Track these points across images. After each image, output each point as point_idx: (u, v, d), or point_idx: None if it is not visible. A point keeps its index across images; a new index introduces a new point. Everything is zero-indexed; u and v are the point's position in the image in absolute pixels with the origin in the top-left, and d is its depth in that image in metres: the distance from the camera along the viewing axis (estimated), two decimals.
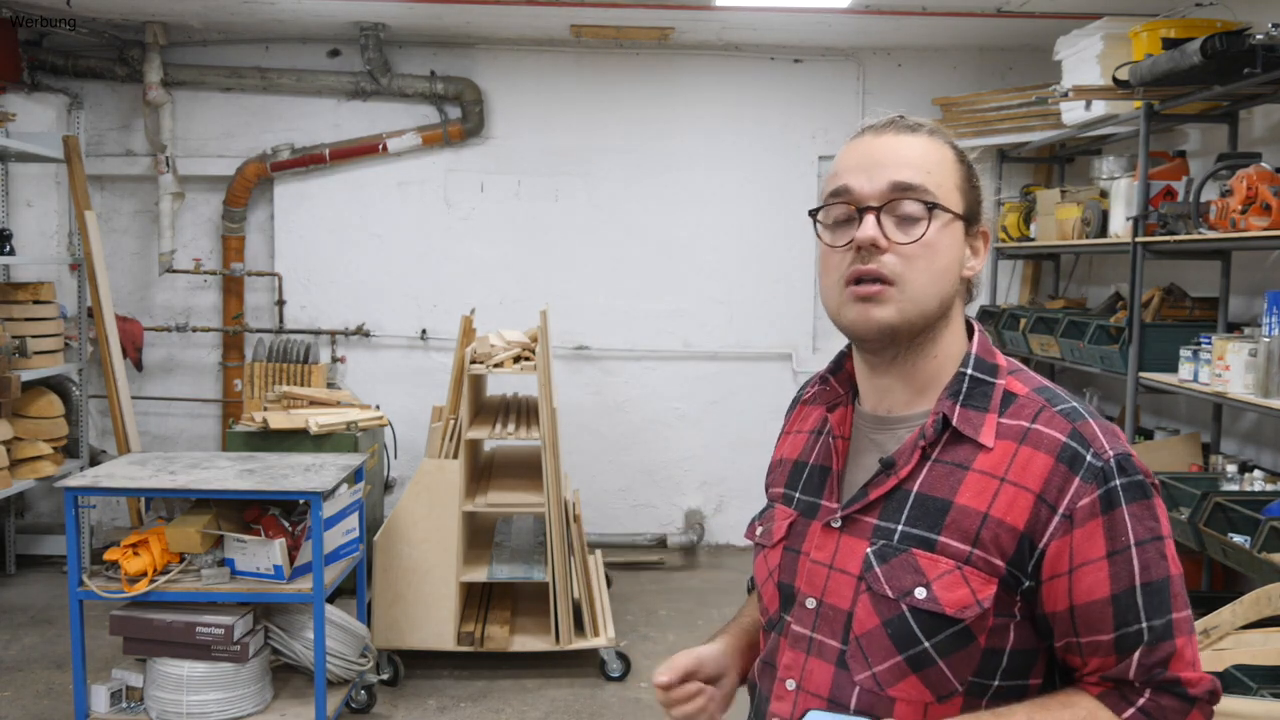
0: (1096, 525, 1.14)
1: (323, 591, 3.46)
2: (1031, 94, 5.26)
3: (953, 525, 1.17)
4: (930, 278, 1.21)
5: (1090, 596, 1.14)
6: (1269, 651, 2.42)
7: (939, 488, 1.19)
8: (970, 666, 1.17)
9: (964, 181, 1.26)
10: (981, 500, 1.16)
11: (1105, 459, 1.15)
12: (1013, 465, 1.17)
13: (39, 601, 5.03)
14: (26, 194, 5.74)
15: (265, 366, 5.63)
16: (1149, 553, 1.15)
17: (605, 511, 6.07)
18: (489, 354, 4.23)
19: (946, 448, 1.21)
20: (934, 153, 1.25)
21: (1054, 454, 1.16)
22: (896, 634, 1.18)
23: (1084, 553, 1.14)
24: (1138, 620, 1.14)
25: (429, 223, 6.01)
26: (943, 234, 1.22)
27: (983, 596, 1.15)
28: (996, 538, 1.15)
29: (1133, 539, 1.14)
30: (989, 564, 1.15)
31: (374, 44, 5.61)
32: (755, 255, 6.05)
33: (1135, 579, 1.14)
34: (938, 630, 1.16)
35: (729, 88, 6.00)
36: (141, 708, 3.57)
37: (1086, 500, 1.14)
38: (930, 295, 1.21)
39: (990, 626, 1.16)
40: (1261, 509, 3.32)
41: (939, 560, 1.17)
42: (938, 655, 1.17)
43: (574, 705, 4.01)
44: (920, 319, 1.22)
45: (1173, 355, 3.94)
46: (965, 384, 1.23)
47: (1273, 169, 3.47)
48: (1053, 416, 1.19)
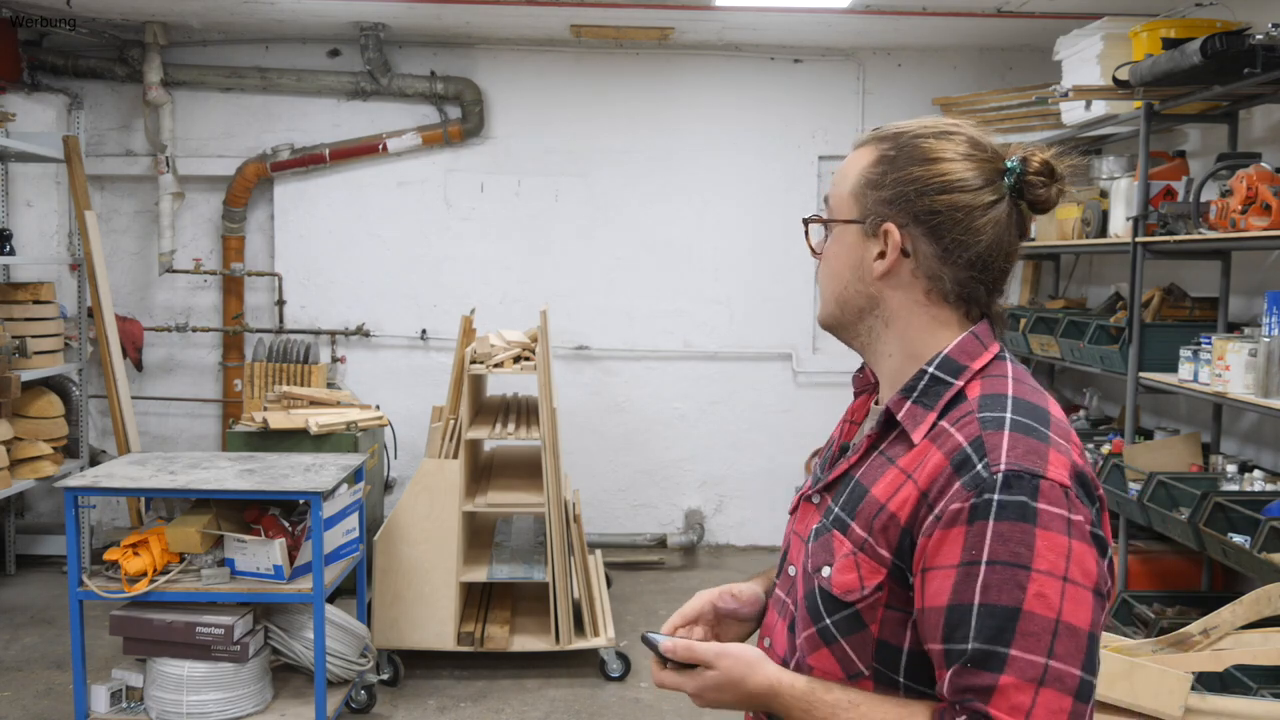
0: (959, 533, 1.10)
1: (323, 591, 3.46)
2: (1031, 94, 5.25)
3: (862, 513, 1.21)
4: (827, 283, 1.32)
5: (932, 602, 1.12)
6: (1269, 651, 2.42)
7: (867, 476, 1.24)
8: (868, 652, 1.19)
9: (864, 185, 1.25)
10: (886, 493, 1.19)
11: (994, 471, 1.10)
12: (921, 464, 1.17)
13: (39, 601, 5.03)
14: (26, 194, 5.74)
15: (265, 366, 5.63)
16: (1000, 574, 1.07)
17: (605, 511, 6.07)
18: (489, 354, 4.23)
19: (893, 442, 1.24)
20: (850, 163, 1.30)
21: (949, 456, 1.14)
22: (810, 607, 1.24)
23: (937, 556, 1.11)
24: (964, 639, 1.08)
25: (429, 223, 6.01)
26: (833, 242, 1.30)
27: (869, 584, 1.17)
28: (885, 529, 1.17)
29: (986, 556, 1.08)
30: (876, 554, 1.18)
31: (374, 44, 5.61)
32: (755, 255, 6.05)
33: (975, 597, 1.08)
34: (833, 610, 1.21)
35: (729, 88, 6.00)
36: (141, 708, 3.57)
37: (956, 505, 1.11)
38: (829, 299, 1.32)
39: (881, 618, 1.18)
40: (1261, 509, 3.31)
41: (845, 543, 1.21)
42: (838, 633, 1.21)
43: (574, 705, 4.01)
44: (829, 318, 1.32)
45: (1173, 355, 3.94)
46: (923, 382, 1.23)
47: (1273, 169, 3.47)
48: (970, 422, 1.16)
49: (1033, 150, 1.24)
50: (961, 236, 1.21)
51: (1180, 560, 4.22)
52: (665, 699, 4.06)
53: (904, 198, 1.22)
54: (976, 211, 1.21)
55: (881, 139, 1.27)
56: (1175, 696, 2.26)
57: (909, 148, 1.24)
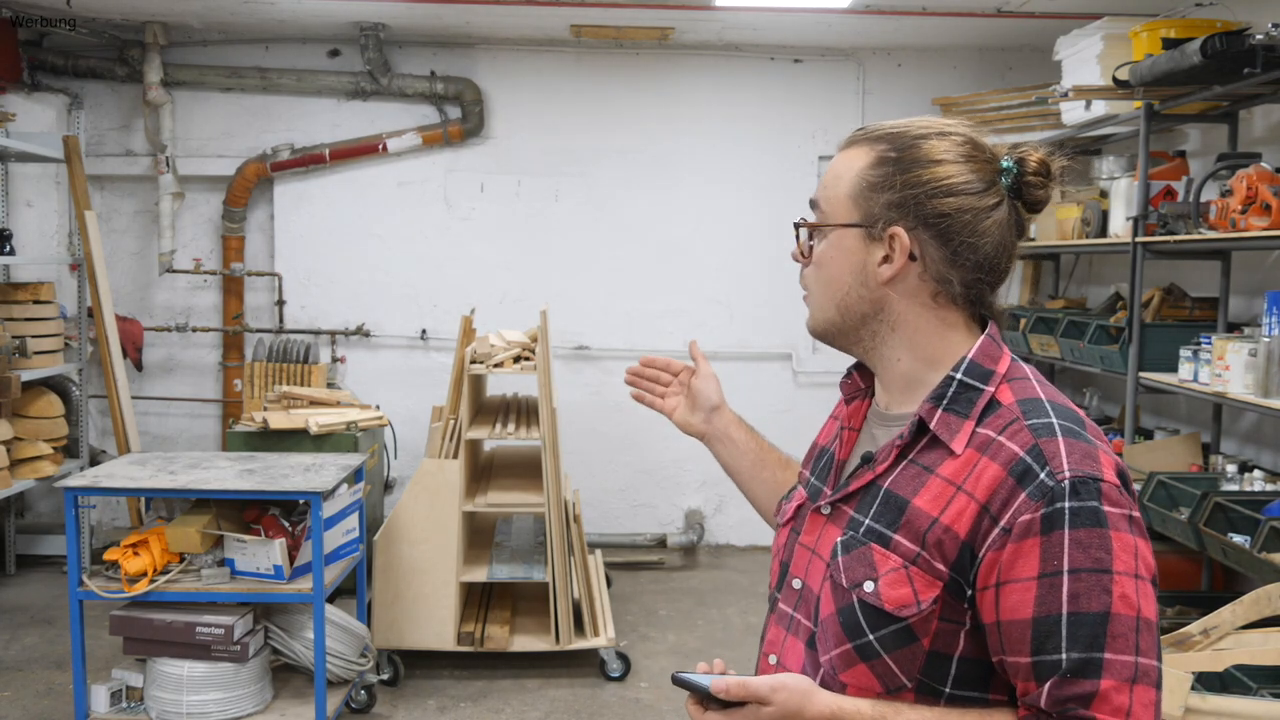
0: (1034, 544, 1.09)
1: (323, 591, 3.46)
2: (1031, 94, 5.25)
3: (907, 525, 1.17)
4: (821, 289, 1.28)
5: (1013, 615, 1.11)
6: (1269, 651, 2.42)
7: (904, 487, 1.20)
8: (915, 665, 1.17)
9: (865, 188, 1.22)
10: (935, 505, 1.16)
11: (1059, 479, 1.10)
12: (970, 475, 1.15)
13: (39, 601, 5.03)
14: (26, 194, 5.74)
15: (265, 366, 5.63)
16: (1084, 582, 1.08)
17: (605, 511, 6.07)
18: (489, 354, 4.23)
19: (924, 450, 1.21)
20: (843, 164, 1.26)
21: (1006, 467, 1.13)
22: (846, 623, 1.20)
23: (1013, 570, 1.10)
24: (1057, 650, 1.08)
25: (429, 223, 6.01)
26: (829, 247, 1.26)
27: (925, 598, 1.15)
28: (941, 543, 1.15)
29: (1067, 565, 1.08)
30: (932, 568, 1.15)
31: (374, 44, 5.61)
32: (755, 255, 6.04)
33: (1062, 607, 1.08)
34: (881, 625, 1.17)
35: (729, 88, 6.00)
36: (141, 708, 3.57)
37: (1026, 517, 1.10)
38: (825, 305, 1.28)
39: (935, 630, 1.15)
40: (1261, 509, 3.31)
41: (890, 557, 1.17)
42: (882, 649, 1.17)
43: (574, 705, 4.01)
44: (828, 325, 1.28)
45: (1173, 355, 3.94)
46: (952, 389, 1.21)
47: (1273, 169, 3.47)
48: (1020, 430, 1.15)
49: (1027, 150, 1.23)
50: (970, 239, 1.20)
51: (1180, 560, 4.22)
52: (665, 699, 4.06)
53: (912, 200, 1.20)
54: (982, 214, 1.20)
55: (876, 139, 1.24)
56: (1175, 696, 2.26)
57: (912, 149, 1.22)
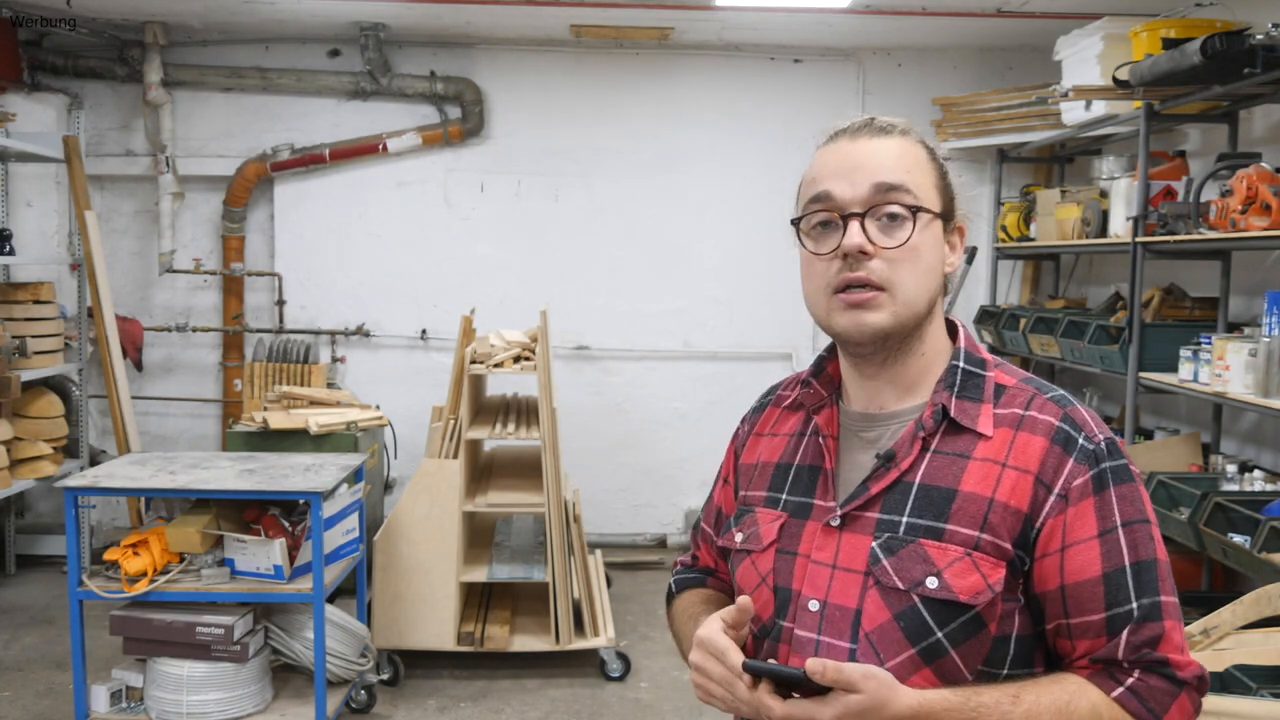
0: (1089, 505, 1.17)
1: (323, 591, 3.46)
2: (1031, 94, 5.26)
3: (960, 512, 1.19)
4: (917, 279, 1.23)
5: (1081, 575, 1.16)
6: (1269, 651, 2.42)
7: (942, 477, 1.21)
8: (980, 654, 1.18)
9: (939, 179, 1.28)
10: (986, 486, 1.19)
11: (1097, 442, 1.20)
12: (1012, 450, 1.20)
13: (39, 601, 5.03)
14: (26, 194, 5.74)
15: (265, 366, 5.63)
16: (1138, 533, 1.17)
17: (605, 511, 6.07)
18: (489, 354, 4.23)
19: (945, 438, 1.23)
20: (910, 153, 1.26)
21: (1049, 437, 1.20)
22: (909, 626, 1.18)
23: (1076, 532, 1.17)
24: (1128, 600, 1.15)
25: (429, 223, 6.01)
26: (925, 234, 1.23)
27: (993, 580, 1.17)
28: (1004, 520, 1.18)
29: (1120, 519, 1.17)
30: (997, 547, 1.17)
31: (374, 44, 5.61)
32: (755, 255, 6.03)
33: (1125, 558, 1.16)
34: (950, 619, 1.17)
35: (729, 88, 6.00)
36: (141, 708, 3.57)
37: (1080, 480, 1.18)
38: (919, 297, 1.23)
39: (1000, 613, 1.18)
40: (1261, 509, 3.32)
41: (948, 548, 1.18)
42: (950, 645, 1.17)
43: (574, 705, 4.01)
44: (913, 320, 1.24)
45: (1173, 355, 3.94)
46: (959, 376, 1.26)
47: (1273, 169, 3.47)
48: (1045, 403, 1.24)
49: None
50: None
51: (1180, 560, 4.21)
52: (666, 699, 4.06)
53: (954, 199, 1.30)
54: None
55: (915, 136, 1.29)
56: None
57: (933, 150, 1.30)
